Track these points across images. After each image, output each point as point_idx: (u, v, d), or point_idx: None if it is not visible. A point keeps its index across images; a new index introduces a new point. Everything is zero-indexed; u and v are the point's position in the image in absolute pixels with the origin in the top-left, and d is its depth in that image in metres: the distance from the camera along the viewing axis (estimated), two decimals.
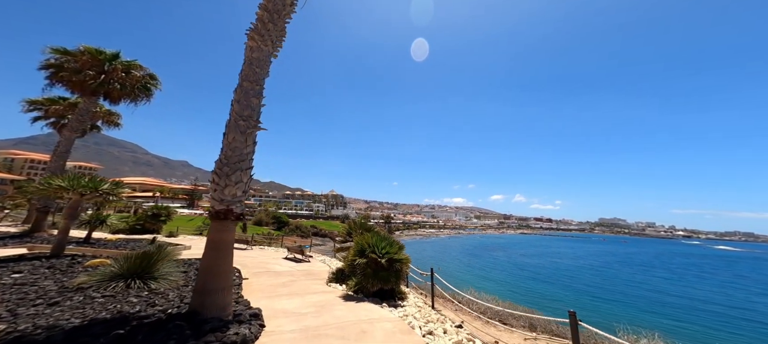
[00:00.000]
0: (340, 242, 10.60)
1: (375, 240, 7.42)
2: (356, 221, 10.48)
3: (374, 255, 6.89)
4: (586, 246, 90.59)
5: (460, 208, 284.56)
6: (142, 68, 15.56)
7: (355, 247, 7.50)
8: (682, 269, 48.02)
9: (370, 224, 10.58)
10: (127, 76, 14.54)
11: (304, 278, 9.05)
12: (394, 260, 6.98)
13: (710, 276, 42.35)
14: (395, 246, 7.41)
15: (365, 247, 7.21)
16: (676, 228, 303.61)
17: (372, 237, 7.60)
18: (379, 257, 6.88)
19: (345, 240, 10.28)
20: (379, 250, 7.08)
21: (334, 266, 11.69)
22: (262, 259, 12.38)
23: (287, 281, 8.46)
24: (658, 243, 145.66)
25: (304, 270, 10.38)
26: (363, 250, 7.17)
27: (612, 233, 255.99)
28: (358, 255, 7.13)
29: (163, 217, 20.43)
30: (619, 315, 18.68)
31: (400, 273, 7.12)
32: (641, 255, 70.09)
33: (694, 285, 34.30)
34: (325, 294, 7.09)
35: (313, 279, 8.92)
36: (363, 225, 10.12)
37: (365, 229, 9.72)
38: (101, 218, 12.75)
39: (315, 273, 10.02)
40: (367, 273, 6.85)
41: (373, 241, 7.34)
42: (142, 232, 19.51)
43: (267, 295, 6.77)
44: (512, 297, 14.70)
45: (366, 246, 7.21)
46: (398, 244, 7.56)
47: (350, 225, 10.59)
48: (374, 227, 10.34)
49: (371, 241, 7.34)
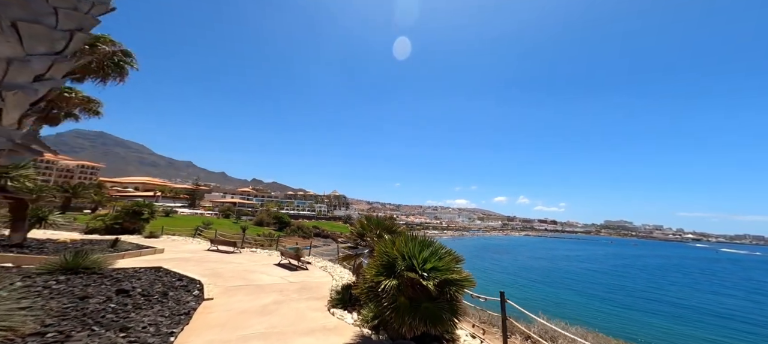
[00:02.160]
0: (348, 247, 7.59)
1: (412, 246, 4.59)
2: (372, 219, 7.14)
3: (413, 275, 4.15)
4: (602, 249, 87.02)
5: (462, 210, 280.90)
6: (114, 43, 13.29)
7: (378, 259, 4.65)
8: (745, 283, 39.28)
9: (393, 223, 7.07)
10: (92, 51, 12.26)
11: (296, 296, 6.65)
12: (450, 281, 4.24)
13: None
14: (447, 258, 4.58)
15: (395, 259, 4.46)
16: (684, 231, 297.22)
17: (406, 241, 4.72)
18: (421, 276, 4.16)
19: (355, 244, 7.11)
20: (419, 264, 4.34)
21: (337, 275, 9.25)
22: (248, 266, 10.03)
23: (270, 303, 6.07)
24: (670, 246, 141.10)
25: (298, 283, 7.98)
26: (391, 265, 4.45)
27: (618, 235, 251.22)
28: (385, 274, 4.40)
29: (144, 215, 18.20)
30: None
31: (456, 305, 4.29)
32: (662, 258, 66.52)
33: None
34: (326, 339, 4.51)
35: (308, 299, 6.51)
36: (382, 224, 6.84)
37: (386, 230, 6.59)
38: (40, 215, 10.45)
39: (312, 287, 7.61)
40: (400, 306, 4.11)
41: (409, 249, 4.56)
42: (120, 232, 17.32)
43: (224, 339, 4.26)
44: (586, 321, 11.84)
45: (397, 258, 4.46)
46: (451, 254, 4.75)
47: (362, 225, 7.05)
48: (398, 227, 7.04)
49: (406, 249, 4.56)
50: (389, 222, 7.00)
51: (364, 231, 6.91)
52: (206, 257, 11.16)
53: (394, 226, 6.94)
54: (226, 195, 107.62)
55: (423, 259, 4.43)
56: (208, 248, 13.66)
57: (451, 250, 4.88)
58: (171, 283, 6.31)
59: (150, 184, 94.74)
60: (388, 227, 6.82)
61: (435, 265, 4.36)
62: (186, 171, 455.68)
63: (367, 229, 6.86)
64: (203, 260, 10.47)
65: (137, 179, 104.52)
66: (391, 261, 4.49)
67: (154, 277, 6.60)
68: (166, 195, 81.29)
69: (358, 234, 7.02)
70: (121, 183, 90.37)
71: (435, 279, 4.15)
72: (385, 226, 6.86)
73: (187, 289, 6.02)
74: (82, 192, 42.70)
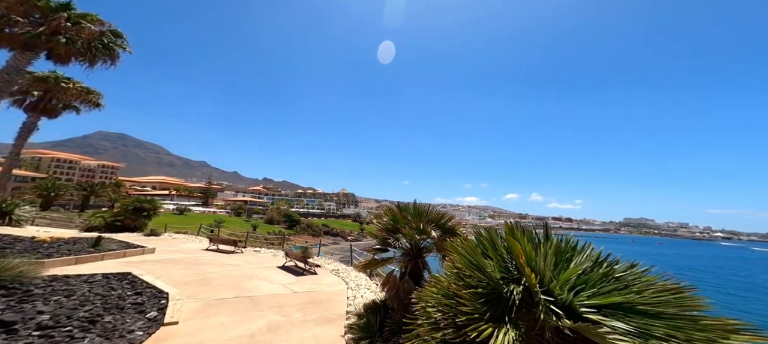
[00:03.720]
0: (374, 249, 5.33)
1: (547, 256, 2.25)
2: (408, 208, 4.91)
3: (555, 322, 1.94)
4: (623, 247, 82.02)
5: (473, 207, 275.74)
6: (102, 22, 12.09)
7: (457, 280, 2.45)
8: None
9: (441, 214, 4.76)
10: (77, 30, 11.04)
11: (300, 317, 4.99)
12: None
13: None
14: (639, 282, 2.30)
15: (504, 283, 2.32)
16: (712, 229, 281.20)
17: (528, 245, 2.29)
18: (584, 318, 1.98)
19: (384, 245, 4.95)
20: (566, 295, 2.11)
21: (353, 282, 7.58)
22: (246, 270, 8.53)
23: (262, 329, 4.38)
24: (698, 245, 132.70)
25: (304, 294, 6.37)
26: (495, 295, 2.28)
27: (639, 233, 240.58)
28: (485, 309, 2.17)
29: (146, 212, 17.21)
30: None
31: None
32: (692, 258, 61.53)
33: None
34: None
35: (317, 321, 4.84)
36: (426, 214, 4.67)
37: (435, 224, 4.44)
38: (4, 209, 9.29)
39: (322, 300, 5.97)
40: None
41: (538, 262, 2.24)
42: (120, 230, 16.38)
43: None
44: None
45: (507, 281, 2.34)
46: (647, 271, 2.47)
47: (394, 216, 4.69)
48: (450, 220, 4.62)
49: (537, 262, 2.24)
50: (435, 213, 4.72)
51: (396, 225, 4.58)
52: (200, 258, 9.77)
53: (445, 219, 4.63)
54: (238, 194, 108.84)
55: (570, 285, 2.19)
56: (207, 247, 12.35)
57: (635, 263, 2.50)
58: (121, 298, 4.68)
59: (166, 183, 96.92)
60: (435, 220, 4.55)
61: (612, 299, 2.07)
62: (201, 170, 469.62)
63: (402, 222, 4.54)
64: (195, 262, 9.07)
65: (154, 179, 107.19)
66: (494, 288, 2.28)
67: (101, 291, 4.94)
68: (180, 194, 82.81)
69: (389, 229, 4.75)
70: (139, 183, 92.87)
71: (621, 321, 1.93)
72: (432, 218, 4.57)
73: (141, 309, 4.39)
74: (100, 191, 43.95)
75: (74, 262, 7.40)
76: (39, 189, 32.41)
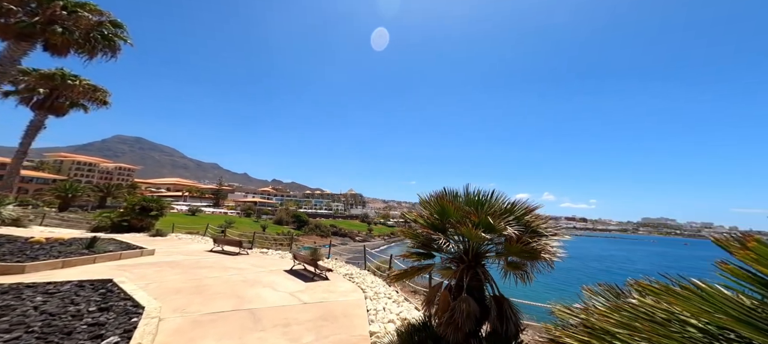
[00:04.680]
0: (414, 253, 3.86)
1: None
2: (465, 195, 3.65)
3: None
4: (644, 248, 77.84)
5: None
6: (101, 12, 11.48)
7: None
8: None
9: (523, 208, 3.47)
10: (74, 19, 10.43)
11: (311, 341, 3.91)
12: None
13: None
14: None
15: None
16: (739, 229, 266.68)
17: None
18: None
19: (426, 248, 3.64)
20: None
21: (370, 290, 6.50)
22: (249, 274, 7.60)
23: None
24: None
25: (315, 306, 5.34)
26: None
27: (659, 234, 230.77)
28: None
29: (153, 212, 16.72)
30: None
31: None
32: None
33: None
34: None
35: None
36: (508, 209, 3.45)
37: (512, 216, 3.20)
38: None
39: (338, 315, 4.93)
40: None
41: None
42: (127, 230, 15.93)
43: None
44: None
45: None
46: None
47: (443, 208, 3.37)
48: (539, 221, 3.28)
49: None
50: (505, 204, 3.49)
51: (446, 218, 3.37)
52: (201, 261, 8.93)
53: (521, 211, 3.37)
54: (247, 195, 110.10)
55: None
56: (211, 249, 11.57)
57: None
58: (76, 317, 3.61)
59: (179, 185, 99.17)
60: (508, 212, 3.34)
61: None
62: (212, 172, 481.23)
63: (454, 216, 3.30)
64: (195, 265, 8.21)
65: (168, 180, 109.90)
66: None
67: (53, 308, 3.85)
68: (193, 195, 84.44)
69: (435, 226, 3.48)
70: (154, 184, 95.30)
71: None
72: (503, 210, 3.37)
73: (97, 333, 3.30)
74: (116, 192, 45.53)
75: (61, 266, 6.65)
76: (57, 191, 33.21)
